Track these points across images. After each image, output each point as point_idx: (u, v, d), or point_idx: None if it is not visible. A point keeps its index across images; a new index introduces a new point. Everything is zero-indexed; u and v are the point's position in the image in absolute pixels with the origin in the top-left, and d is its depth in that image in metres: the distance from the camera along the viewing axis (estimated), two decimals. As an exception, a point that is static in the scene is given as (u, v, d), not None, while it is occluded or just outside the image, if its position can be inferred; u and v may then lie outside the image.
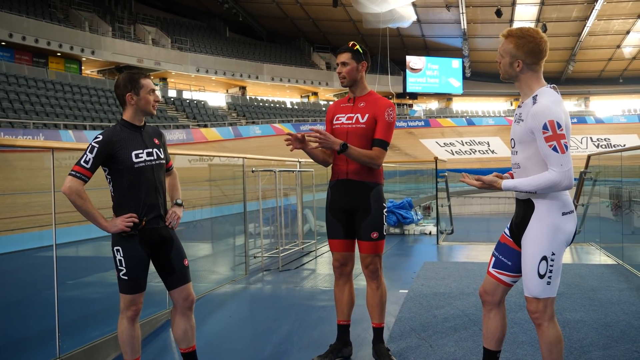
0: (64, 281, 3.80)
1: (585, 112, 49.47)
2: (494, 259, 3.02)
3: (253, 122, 37.78)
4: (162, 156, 3.24)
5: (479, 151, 43.27)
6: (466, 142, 44.06)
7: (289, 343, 4.06)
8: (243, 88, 43.33)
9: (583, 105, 51.26)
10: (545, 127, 2.56)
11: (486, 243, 9.39)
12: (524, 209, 2.79)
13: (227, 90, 43.43)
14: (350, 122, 3.58)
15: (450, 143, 43.35)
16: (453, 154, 40.56)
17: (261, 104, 41.65)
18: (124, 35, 34.63)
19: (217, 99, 41.19)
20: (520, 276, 2.99)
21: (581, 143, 42.57)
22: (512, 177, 2.95)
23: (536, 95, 2.67)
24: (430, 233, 9.94)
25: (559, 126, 2.55)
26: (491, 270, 3.02)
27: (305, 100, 46.98)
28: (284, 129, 38.31)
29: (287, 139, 3.47)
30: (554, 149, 2.56)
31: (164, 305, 4.63)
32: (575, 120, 47.59)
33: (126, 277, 3.08)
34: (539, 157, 2.66)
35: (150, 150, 3.16)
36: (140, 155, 3.10)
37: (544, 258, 2.70)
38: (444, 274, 6.21)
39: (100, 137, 3.02)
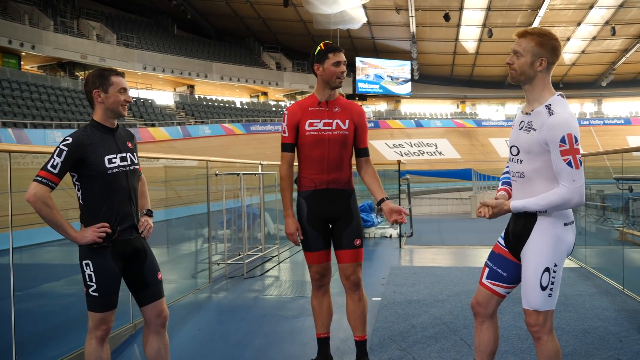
0: (22, 291, 3.46)
1: (528, 115, 50.96)
2: (487, 269, 2.92)
3: (202, 122, 37.06)
4: (136, 161, 2.98)
5: (427, 152, 43.90)
6: (415, 144, 44.60)
7: (266, 358, 3.84)
8: (191, 87, 42.44)
9: (526, 108, 52.80)
10: (563, 141, 2.45)
11: (448, 246, 9.41)
12: (525, 220, 2.68)
13: (174, 89, 42.43)
14: (329, 128, 3.37)
15: (399, 144, 43.78)
16: (402, 155, 40.90)
17: (210, 103, 40.91)
18: (67, 30, 33.27)
19: (164, 97, 40.15)
20: (514, 287, 2.90)
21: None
22: (509, 186, 2.84)
23: (550, 105, 2.55)
24: (390, 236, 9.88)
25: (576, 140, 2.47)
26: (484, 281, 2.92)
27: (255, 100, 46.51)
28: (234, 129, 37.80)
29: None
30: (569, 163, 2.46)
31: (126, 319, 4.33)
32: (518, 123, 48.91)
33: (96, 294, 2.81)
34: (547, 169, 2.56)
35: (124, 155, 2.90)
36: (113, 161, 2.83)
37: (547, 269, 2.63)
38: (414, 279, 6.12)
39: (70, 139, 2.74)
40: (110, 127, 2.91)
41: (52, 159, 2.69)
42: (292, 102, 46.40)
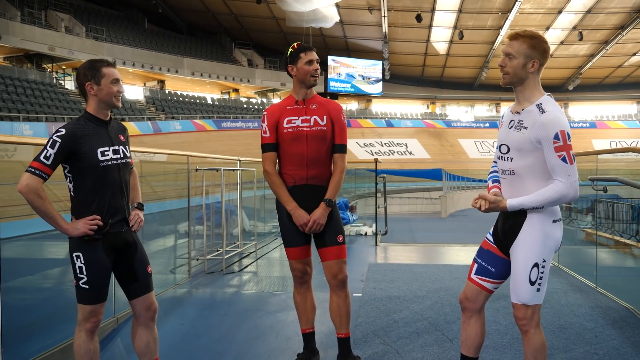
0: (8, 283, 3.39)
1: (497, 117, 51.70)
2: (476, 265, 2.98)
3: (173, 118, 36.68)
4: (128, 154, 2.97)
5: (397, 152, 44.28)
6: (385, 143, 44.95)
7: (252, 353, 3.85)
8: (162, 82, 41.94)
9: (494, 110, 53.61)
10: (556, 137, 2.54)
11: (422, 244, 9.54)
12: (515, 216, 2.75)
13: (144, 84, 41.89)
14: (307, 124, 3.42)
15: (370, 144, 44.07)
16: (373, 154, 41.20)
17: (181, 98, 40.49)
18: (35, 21, 32.54)
19: (134, 92, 39.57)
20: (502, 282, 2.98)
21: (493, 147, 44.49)
22: (499, 183, 2.91)
23: (540, 104, 2.64)
24: (365, 234, 9.96)
25: (569, 137, 2.55)
26: (473, 276, 2.98)
27: (226, 96, 46.20)
28: (205, 125, 37.52)
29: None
30: (563, 159, 2.54)
31: (109, 313, 4.29)
32: (487, 124, 49.73)
33: (87, 286, 2.80)
34: (538, 166, 2.64)
35: (117, 147, 2.89)
36: (106, 153, 2.82)
37: (536, 265, 2.70)
38: (393, 276, 6.20)
39: (63, 130, 2.72)
40: (104, 120, 2.89)
41: (45, 150, 2.67)
42: (264, 99, 46.24)
